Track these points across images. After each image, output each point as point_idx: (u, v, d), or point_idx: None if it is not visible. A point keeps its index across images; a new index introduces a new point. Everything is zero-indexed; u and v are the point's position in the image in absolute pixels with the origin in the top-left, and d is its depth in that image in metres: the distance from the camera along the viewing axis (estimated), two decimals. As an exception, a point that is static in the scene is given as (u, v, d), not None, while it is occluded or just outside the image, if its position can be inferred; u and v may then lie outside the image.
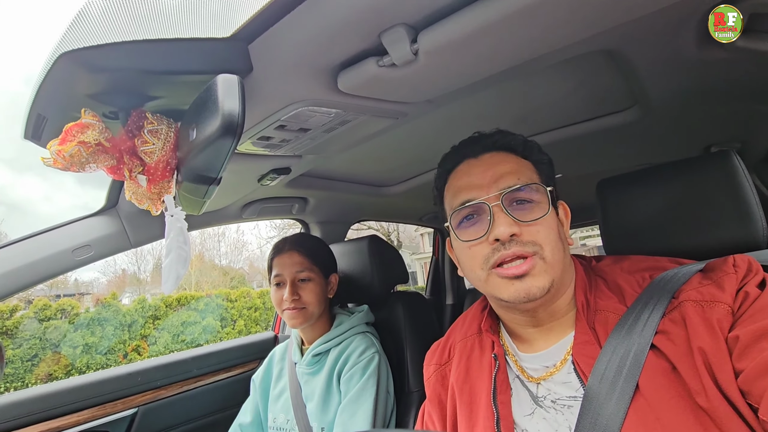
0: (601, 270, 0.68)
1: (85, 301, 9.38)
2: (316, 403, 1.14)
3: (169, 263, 0.55)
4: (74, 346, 7.88)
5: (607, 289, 0.64)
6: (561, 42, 0.60)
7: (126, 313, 8.64)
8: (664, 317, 0.55)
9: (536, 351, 0.66)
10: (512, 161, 0.66)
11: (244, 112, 0.48)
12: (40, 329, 7.61)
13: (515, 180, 0.63)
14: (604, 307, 0.62)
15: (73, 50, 0.43)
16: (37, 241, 1.08)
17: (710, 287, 0.55)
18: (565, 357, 0.62)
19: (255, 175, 1.05)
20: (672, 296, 0.56)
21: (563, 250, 0.63)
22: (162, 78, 0.53)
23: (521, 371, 0.67)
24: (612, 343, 0.57)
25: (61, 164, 0.49)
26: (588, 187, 2.02)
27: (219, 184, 0.57)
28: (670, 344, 0.53)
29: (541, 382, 0.63)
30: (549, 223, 0.62)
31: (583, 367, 0.58)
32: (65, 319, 8.02)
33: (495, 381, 0.67)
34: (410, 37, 0.54)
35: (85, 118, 0.50)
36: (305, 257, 1.23)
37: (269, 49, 0.57)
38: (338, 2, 0.49)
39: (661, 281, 0.60)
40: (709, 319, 0.52)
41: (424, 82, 0.66)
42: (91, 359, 7.96)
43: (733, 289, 0.53)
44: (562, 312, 0.66)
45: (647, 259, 0.68)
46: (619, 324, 0.58)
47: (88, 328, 8.15)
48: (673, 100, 1.03)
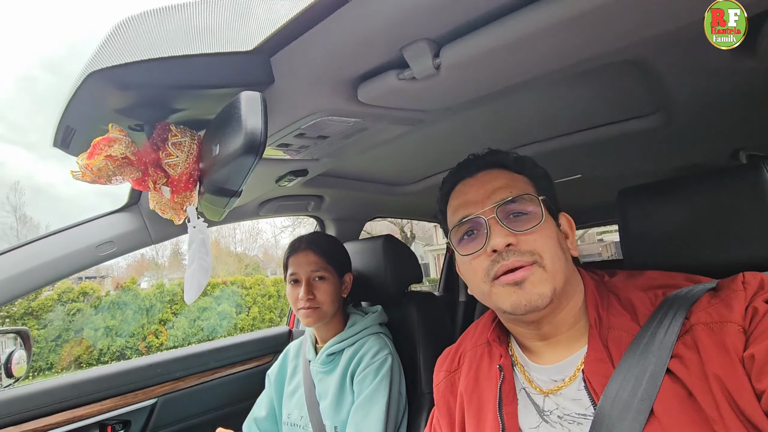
0: (614, 286, 0.68)
1: (105, 284, 9.68)
2: (330, 402, 1.15)
3: (192, 273, 0.56)
4: (95, 328, 8.16)
5: (619, 305, 0.64)
6: (586, 55, 0.58)
7: (145, 297, 8.89)
8: (678, 340, 0.54)
9: (546, 363, 0.66)
10: (505, 176, 0.69)
11: (267, 129, 0.48)
12: (63, 311, 7.89)
13: (508, 193, 0.65)
14: (617, 325, 0.61)
15: (102, 69, 0.44)
16: (63, 237, 1.11)
17: (718, 306, 0.54)
18: (575, 373, 0.62)
19: (273, 176, 1.06)
20: (685, 317, 0.56)
21: (564, 260, 0.64)
22: (186, 92, 0.53)
23: (529, 382, 0.67)
24: (626, 364, 0.56)
25: (90, 177, 0.51)
26: (607, 187, 1.99)
27: (240, 196, 0.58)
28: (684, 370, 0.52)
29: (549, 395, 0.63)
30: (545, 231, 0.63)
31: (595, 385, 0.58)
32: (87, 302, 8.29)
33: (500, 392, 0.67)
34: (432, 52, 0.54)
35: (113, 132, 0.51)
36: (320, 257, 1.24)
37: (291, 62, 0.57)
38: (360, 18, 0.49)
39: (674, 300, 0.59)
40: (721, 342, 0.51)
41: (444, 94, 0.66)
42: (112, 342, 8.23)
43: (741, 307, 0.52)
44: (568, 325, 0.65)
45: (662, 276, 0.67)
46: (634, 344, 0.57)
47: (108, 311, 8.41)
48: (699, 106, 1.00)
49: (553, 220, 0.67)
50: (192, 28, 0.48)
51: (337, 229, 1.79)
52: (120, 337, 8.33)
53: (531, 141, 1.28)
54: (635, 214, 0.82)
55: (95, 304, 8.29)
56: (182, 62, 0.49)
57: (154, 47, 0.46)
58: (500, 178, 0.68)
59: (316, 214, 1.74)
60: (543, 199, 0.66)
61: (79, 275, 12.94)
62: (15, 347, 1.24)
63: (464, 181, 0.72)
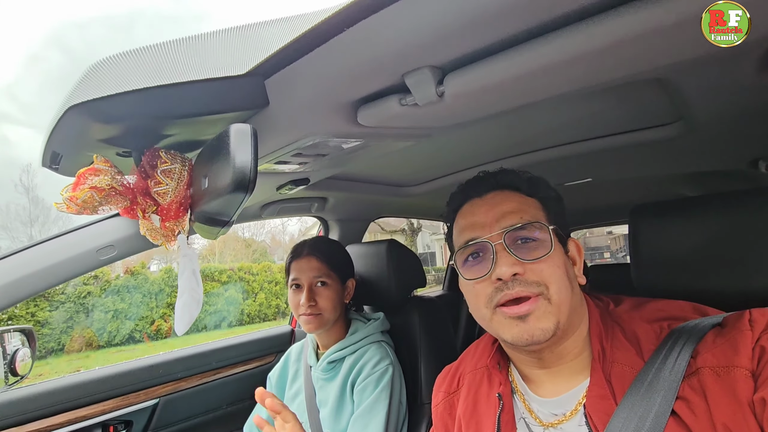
0: (618, 316, 0.64)
1: (115, 267, 9.81)
2: (330, 410, 1.15)
3: (182, 305, 0.54)
4: (105, 311, 8.31)
5: (624, 338, 0.61)
6: (602, 81, 0.54)
7: (153, 281, 9.02)
8: (683, 380, 0.52)
9: (546, 396, 0.64)
10: (516, 200, 0.65)
11: (257, 164, 0.46)
12: (74, 293, 8.04)
13: (518, 219, 0.62)
14: (620, 359, 0.59)
15: (81, 103, 0.42)
16: (65, 241, 1.10)
17: (724, 347, 0.51)
18: (576, 407, 0.60)
19: (273, 185, 1.03)
20: (690, 355, 0.53)
21: (571, 290, 0.61)
22: (177, 120, 0.51)
23: (529, 412, 0.65)
24: (629, 402, 0.54)
25: (74, 209, 0.49)
26: (619, 189, 1.94)
27: (232, 224, 0.56)
28: (691, 415, 0.50)
29: (549, 429, 0.62)
30: (554, 261, 0.60)
31: (597, 422, 0.56)
32: (97, 284, 8.43)
33: (499, 421, 0.66)
34: (436, 79, 0.50)
35: (97, 163, 0.49)
36: (323, 263, 1.22)
37: (287, 85, 0.54)
38: (361, 45, 0.46)
39: (680, 334, 0.56)
40: (730, 389, 0.49)
41: (450, 116, 0.62)
42: (121, 324, 8.40)
43: (748, 349, 0.50)
44: (572, 355, 0.63)
45: (668, 306, 0.63)
46: (638, 381, 0.55)
47: (118, 294, 8.55)
48: (719, 117, 0.95)
49: (561, 247, 0.63)
50: (184, 58, 0.45)
51: (341, 230, 1.77)
52: (129, 320, 8.48)
53: (541, 147, 1.24)
54: (648, 233, 0.78)
55: (105, 288, 8.43)
56: (170, 91, 0.46)
57: (139, 79, 0.43)
58: (510, 201, 0.65)
59: (320, 215, 1.71)
60: (553, 228, 0.62)
61: (90, 257, 13.11)
62: (20, 345, 1.25)
63: (472, 201, 0.69)
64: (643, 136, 1.10)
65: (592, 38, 0.41)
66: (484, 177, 0.70)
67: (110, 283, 8.55)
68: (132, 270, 8.95)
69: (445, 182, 1.54)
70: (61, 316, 7.86)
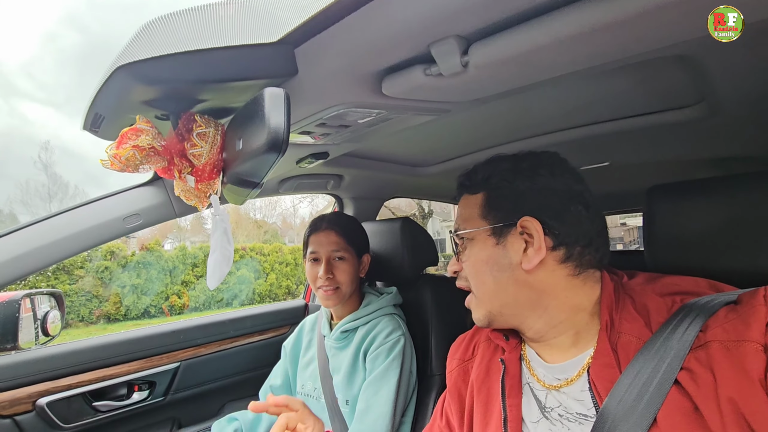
0: (631, 288, 0.66)
1: (131, 244, 10.05)
2: (342, 377, 1.20)
3: (214, 261, 0.58)
4: (122, 285, 8.55)
5: (633, 309, 0.62)
6: (628, 54, 0.55)
7: (168, 259, 9.23)
8: (690, 352, 0.53)
9: (552, 362, 0.67)
10: (464, 203, 0.72)
11: (289, 126, 0.48)
12: (92, 268, 8.28)
13: (457, 224, 0.72)
14: (628, 330, 0.60)
15: (128, 63, 0.45)
16: (93, 209, 1.15)
17: (735, 323, 0.51)
18: (580, 372, 0.62)
19: (293, 158, 1.06)
20: (700, 329, 0.54)
21: (495, 282, 0.66)
22: (211, 85, 0.53)
23: (534, 377, 0.68)
24: (633, 370, 0.55)
25: (118, 166, 0.52)
26: (638, 174, 1.92)
27: (262, 186, 0.59)
28: (694, 385, 0.51)
29: (552, 392, 0.64)
30: (472, 259, 0.68)
31: (600, 388, 0.58)
32: (114, 260, 8.66)
33: (503, 384, 0.69)
34: (461, 49, 0.52)
35: (139, 123, 0.52)
36: (341, 237, 1.25)
37: (315, 54, 0.56)
38: (389, 14, 0.47)
39: (692, 308, 0.57)
40: (739, 363, 0.49)
41: (472, 89, 0.64)
42: (137, 299, 8.64)
43: (761, 324, 0.49)
44: (559, 329, 0.65)
45: (683, 281, 0.64)
46: (644, 349, 0.56)
47: (134, 270, 8.78)
48: (745, 100, 0.94)
49: (492, 239, 0.66)
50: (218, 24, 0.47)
51: (355, 208, 1.80)
52: (145, 296, 8.72)
53: (558, 128, 1.24)
54: (664, 212, 0.79)
55: (122, 264, 8.66)
56: (206, 56, 0.48)
57: (180, 43, 0.46)
58: (462, 205, 0.73)
59: (336, 193, 1.74)
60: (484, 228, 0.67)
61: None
62: (49, 307, 1.32)
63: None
64: (663, 118, 1.10)
65: (617, 8, 0.43)
66: (459, 180, 0.76)
67: (127, 259, 8.77)
68: (147, 246, 9.16)
69: (459, 163, 1.55)
70: (81, 289, 8.11)
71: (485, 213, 0.68)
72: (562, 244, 0.63)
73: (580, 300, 0.64)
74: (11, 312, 1.17)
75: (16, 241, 1.05)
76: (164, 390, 1.39)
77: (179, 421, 1.44)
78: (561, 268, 0.64)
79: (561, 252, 0.63)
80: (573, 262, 0.64)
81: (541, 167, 0.67)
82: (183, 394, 1.43)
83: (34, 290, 1.27)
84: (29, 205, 17.23)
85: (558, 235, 0.63)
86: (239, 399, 1.59)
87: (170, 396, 1.39)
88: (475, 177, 0.71)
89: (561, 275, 0.64)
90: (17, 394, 1.14)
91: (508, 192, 0.67)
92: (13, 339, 1.16)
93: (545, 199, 0.65)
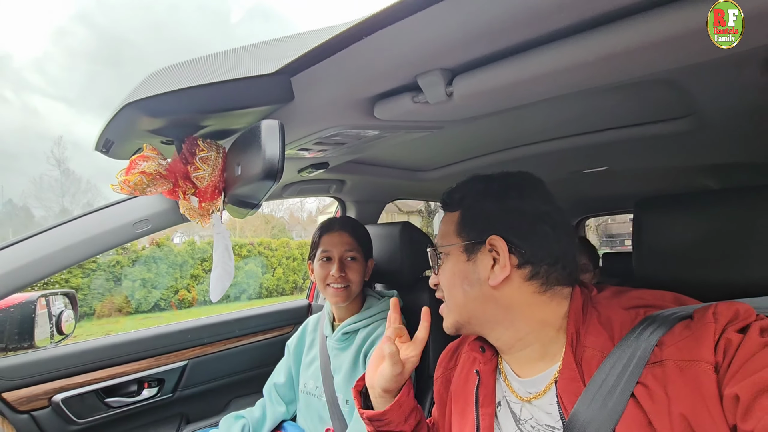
0: (597, 302, 0.68)
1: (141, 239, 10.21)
2: (343, 377, 1.24)
3: (216, 276, 0.62)
4: (133, 279, 8.71)
5: (599, 323, 0.64)
6: (611, 81, 0.57)
7: (177, 253, 9.36)
8: (647, 367, 0.55)
9: (523, 376, 0.69)
10: (444, 221, 0.76)
11: (284, 156, 0.52)
12: (104, 262, 8.44)
13: (437, 239, 0.77)
14: (592, 344, 0.62)
15: (135, 101, 0.48)
16: (103, 215, 1.20)
17: (688, 341, 0.53)
18: (548, 386, 0.65)
19: (295, 168, 1.10)
20: (655, 344, 0.55)
21: (464, 295, 0.69)
22: (213, 113, 0.57)
23: (511, 390, 0.71)
24: (597, 381, 0.58)
25: (127, 190, 0.56)
26: (638, 176, 1.93)
27: (260, 206, 0.63)
28: (649, 401, 0.53)
29: (525, 404, 0.67)
30: (448, 273, 0.72)
31: (566, 402, 0.61)
32: (125, 255, 8.81)
33: (477, 394, 0.73)
34: (446, 80, 0.55)
35: (146, 151, 0.56)
36: (353, 238, 1.30)
37: (310, 83, 0.59)
38: (379, 50, 0.51)
39: (653, 321, 0.59)
40: (693, 382, 0.50)
41: (459, 113, 0.67)
42: (148, 293, 8.79)
43: (710, 342, 0.51)
44: (525, 342, 0.68)
45: (648, 295, 0.66)
46: (605, 363, 0.58)
47: (144, 264, 8.93)
48: (730, 116, 0.96)
49: (463, 255, 0.70)
50: (221, 69, 0.51)
51: (357, 210, 1.83)
52: (156, 290, 8.87)
53: (554, 137, 1.26)
54: (651, 225, 0.80)
55: (133, 258, 8.81)
56: (208, 90, 0.52)
57: (184, 78, 0.49)
58: (442, 221, 0.77)
59: (338, 196, 1.78)
60: (457, 244, 0.71)
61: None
62: (63, 307, 1.38)
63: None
64: (655, 129, 1.11)
65: (598, 47, 0.45)
66: (441, 197, 0.80)
67: (137, 254, 8.92)
68: (157, 242, 9.30)
69: (459, 168, 1.57)
70: (93, 284, 8.28)
71: (459, 230, 0.72)
72: (528, 263, 0.66)
73: (546, 315, 0.67)
74: (28, 312, 1.23)
75: (33, 246, 1.11)
76: (173, 387, 1.45)
77: (187, 416, 1.50)
78: (527, 285, 0.66)
79: (527, 270, 0.66)
80: (539, 279, 0.66)
81: (511, 189, 0.70)
82: (190, 390, 1.49)
83: (48, 291, 1.33)
84: (42, 199, 17.54)
85: (524, 253, 0.66)
86: (244, 396, 1.64)
87: (178, 393, 1.45)
88: (454, 196, 0.75)
89: (527, 292, 0.66)
90: (34, 391, 1.20)
91: (479, 212, 0.71)
92: (30, 338, 1.22)
93: (513, 219, 0.68)
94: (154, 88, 0.48)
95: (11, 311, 1.20)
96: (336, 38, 0.50)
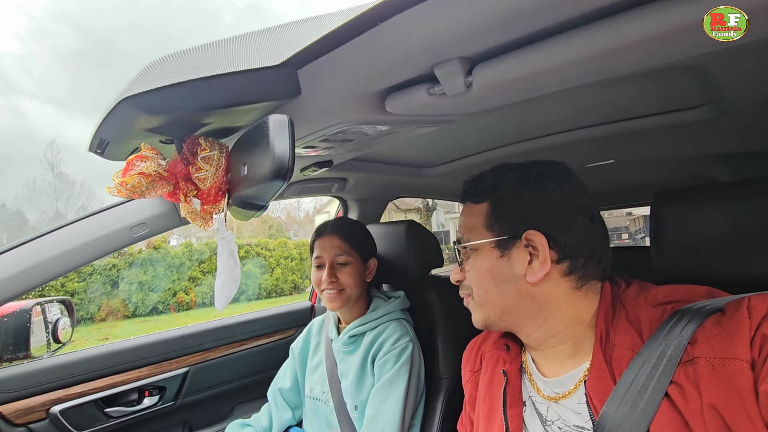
0: (625, 299, 0.66)
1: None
2: (351, 382, 1.21)
3: (222, 284, 0.58)
4: (130, 282, 8.64)
5: (627, 321, 0.62)
6: (632, 70, 0.54)
7: (174, 255, 9.29)
8: (679, 366, 0.53)
9: (550, 376, 0.67)
10: (467, 212, 0.72)
11: (294, 153, 0.48)
12: (100, 266, 8.37)
13: (461, 233, 0.72)
14: (621, 343, 0.60)
15: (131, 96, 0.44)
16: (99, 219, 1.16)
17: (720, 338, 0.51)
18: (577, 385, 0.63)
19: (298, 167, 1.06)
20: (688, 341, 0.53)
21: (498, 292, 0.66)
22: (215, 110, 0.53)
23: (536, 390, 0.69)
24: (627, 380, 0.56)
25: (124, 193, 0.52)
26: (644, 169, 1.90)
27: (267, 208, 0.59)
28: (683, 401, 0.51)
29: (552, 404, 0.65)
30: (477, 270, 0.68)
31: (595, 401, 0.59)
32: (122, 258, 8.74)
33: (505, 395, 0.70)
34: (464, 70, 0.51)
35: (145, 151, 0.52)
36: (344, 241, 1.26)
37: (318, 76, 0.56)
38: (393, 39, 0.47)
39: (681, 316, 0.56)
40: (726, 379, 0.49)
41: (476, 104, 0.63)
42: (145, 296, 8.73)
43: (745, 339, 0.49)
44: (557, 340, 0.65)
45: (676, 291, 0.63)
46: (635, 362, 0.57)
47: (141, 267, 8.86)
48: (752, 103, 0.93)
49: (496, 251, 0.66)
50: (222, 58, 0.47)
51: (360, 209, 1.80)
52: (153, 293, 8.81)
53: (563, 130, 1.23)
54: (671, 218, 0.78)
55: (129, 261, 8.74)
56: (209, 83, 0.48)
57: (183, 75, 0.45)
58: (465, 213, 0.72)
59: (340, 195, 1.74)
60: (488, 240, 0.67)
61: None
62: (60, 315, 1.34)
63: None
64: (670, 119, 1.08)
65: (623, 34, 0.42)
66: (464, 188, 0.75)
67: (134, 257, 8.85)
68: (154, 244, 9.23)
69: (465, 163, 1.54)
70: (89, 288, 8.21)
71: (490, 224, 0.67)
72: (566, 257, 0.63)
73: (580, 312, 0.64)
74: (23, 321, 1.19)
75: (27, 253, 1.07)
76: (174, 394, 1.41)
77: (190, 424, 1.47)
78: (564, 280, 0.64)
79: (565, 265, 0.63)
80: (576, 274, 0.64)
81: (548, 178, 0.66)
82: (193, 397, 1.45)
83: (44, 299, 1.29)
84: (36, 203, 17.39)
85: (563, 248, 0.63)
86: (248, 401, 1.61)
87: (180, 400, 1.41)
88: (481, 186, 0.70)
89: (564, 287, 0.64)
90: (31, 403, 1.16)
91: (514, 203, 0.66)
92: (25, 347, 1.18)
93: (552, 211, 0.64)
94: (152, 82, 0.44)
95: (5, 320, 1.15)
96: (347, 25, 0.46)
